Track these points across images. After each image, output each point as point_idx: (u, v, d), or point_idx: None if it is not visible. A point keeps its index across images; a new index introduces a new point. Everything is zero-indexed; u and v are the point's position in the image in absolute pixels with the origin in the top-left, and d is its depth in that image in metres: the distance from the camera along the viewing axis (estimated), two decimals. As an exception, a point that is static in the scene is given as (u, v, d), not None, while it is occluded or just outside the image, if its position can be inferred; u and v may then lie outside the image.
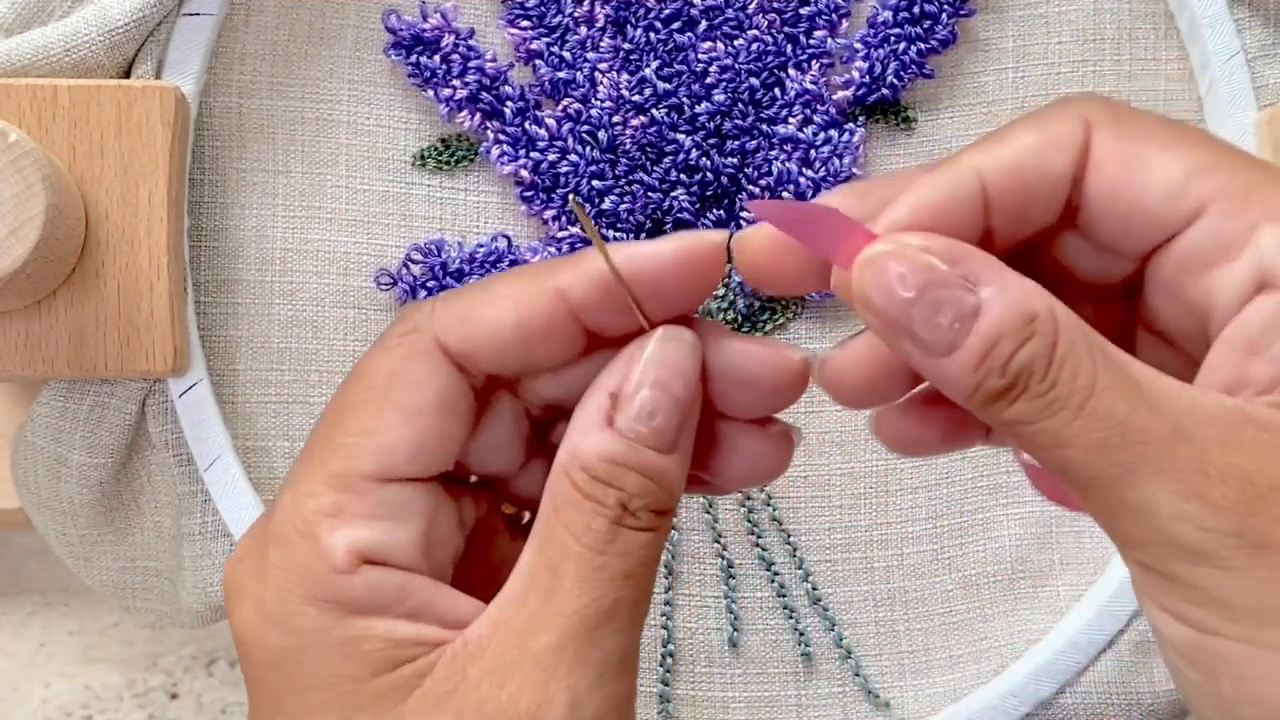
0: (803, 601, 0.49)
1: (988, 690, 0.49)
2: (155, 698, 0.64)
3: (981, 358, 0.28)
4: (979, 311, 0.28)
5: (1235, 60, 0.46)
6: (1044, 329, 0.28)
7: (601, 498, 0.31)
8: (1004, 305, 0.28)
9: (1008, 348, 0.28)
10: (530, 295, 0.32)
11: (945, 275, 0.29)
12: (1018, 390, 0.28)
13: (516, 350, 0.32)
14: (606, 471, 0.31)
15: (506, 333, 0.32)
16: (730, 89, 0.48)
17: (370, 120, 0.48)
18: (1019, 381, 0.28)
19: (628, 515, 0.31)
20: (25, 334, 0.44)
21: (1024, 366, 0.28)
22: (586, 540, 0.31)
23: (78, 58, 0.44)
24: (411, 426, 0.32)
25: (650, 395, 0.31)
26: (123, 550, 0.49)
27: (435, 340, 0.32)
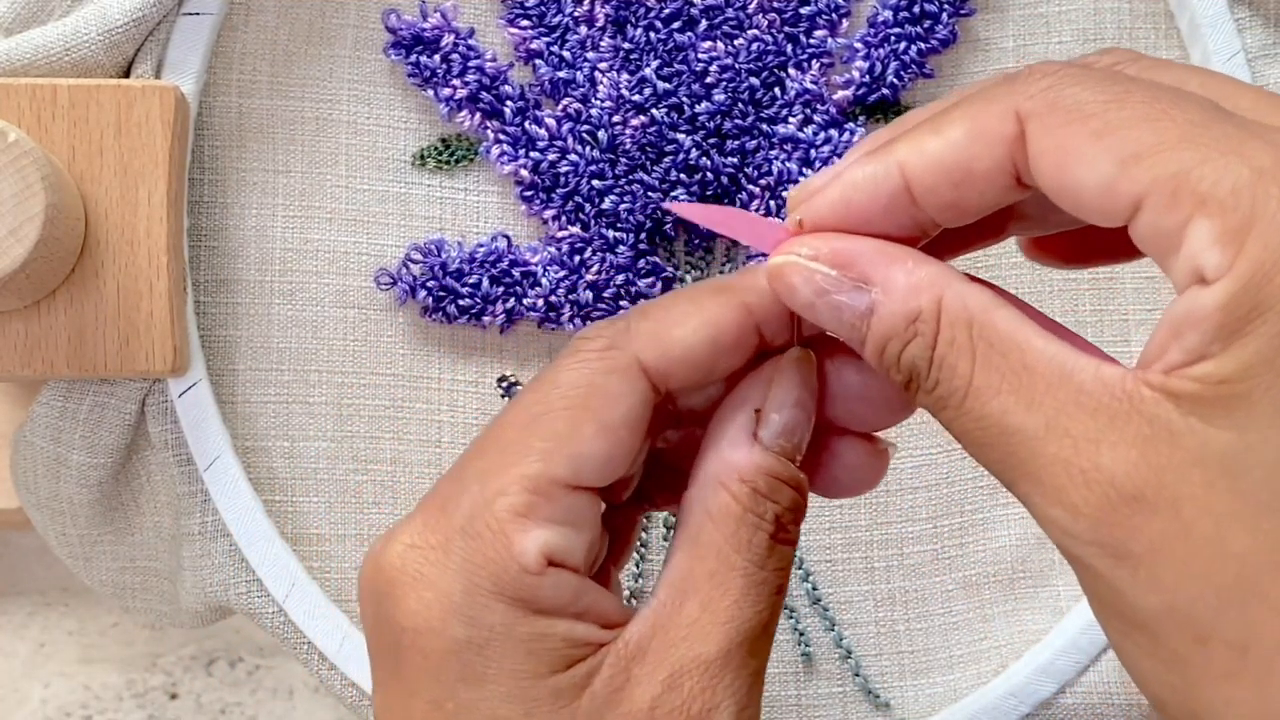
0: (803, 601, 0.49)
1: (988, 690, 0.49)
2: (155, 698, 0.64)
3: (879, 356, 0.30)
4: (870, 311, 0.30)
5: (1235, 60, 0.46)
6: (924, 329, 0.30)
7: (762, 512, 0.33)
8: (888, 307, 0.30)
9: (895, 349, 0.30)
10: (721, 312, 0.34)
11: (835, 281, 0.31)
12: (914, 385, 0.30)
13: (706, 366, 0.34)
14: (769, 486, 0.33)
15: (701, 349, 0.33)
16: (730, 89, 0.48)
17: (370, 120, 0.48)
18: (912, 378, 0.30)
19: (781, 530, 0.33)
20: (25, 334, 0.44)
21: (910, 365, 0.30)
22: (750, 555, 0.32)
23: (77, 57, 0.44)
24: (605, 438, 0.33)
25: (792, 414, 0.33)
26: (122, 550, 0.49)
27: (635, 358, 0.33)
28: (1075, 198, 0.29)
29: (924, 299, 0.30)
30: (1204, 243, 0.27)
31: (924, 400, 0.30)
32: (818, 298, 0.31)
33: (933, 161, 0.30)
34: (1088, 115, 0.29)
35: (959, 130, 0.30)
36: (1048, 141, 0.29)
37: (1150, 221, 0.28)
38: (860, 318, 0.30)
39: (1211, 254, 0.27)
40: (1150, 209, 0.28)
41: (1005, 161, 0.30)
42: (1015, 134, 0.29)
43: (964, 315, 0.29)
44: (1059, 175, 0.29)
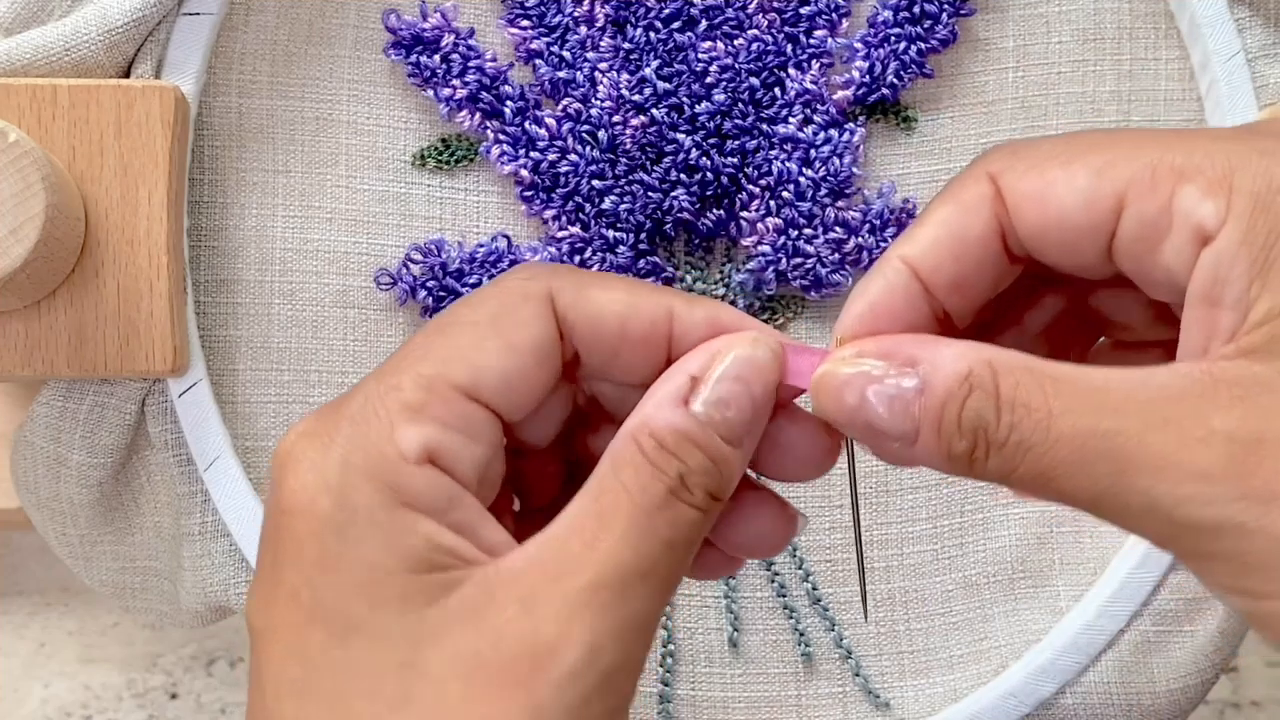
0: (803, 601, 0.49)
1: (988, 690, 0.49)
2: (155, 698, 0.64)
3: (937, 429, 0.30)
4: (923, 388, 0.30)
5: (1235, 60, 0.46)
6: (980, 381, 0.30)
7: (664, 465, 0.32)
8: (939, 376, 0.30)
9: (954, 410, 0.30)
10: (644, 301, 0.34)
11: (881, 371, 0.31)
12: (981, 446, 0.30)
13: (613, 339, 0.34)
14: (674, 442, 0.32)
15: (609, 320, 0.33)
16: (730, 89, 0.48)
17: (370, 120, 0.48)
18: (979, 437, 0.30)
19: (684, 489, 0.32)
20: (25, 334, 0.44)
21: (976, 421, 0.30)
22: (641, 500, 0.32)
23: (77, 57, 0.44)
24: (508, 357, 0.33)
25: (729, 387, 0.33)
26: (122, 550, 0.49)
27: (549, 292, 0.33)
28: (1060, 224, 0.30)
29: (972, 360, 0.30)
30: (1195, 201, 0.29)
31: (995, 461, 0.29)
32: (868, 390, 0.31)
33: (929, 243, 0.32)
34: (1054, 154, 0.31)
35: (944, 209, 0.32)
36: (1023, 185, 0.31)
37: (1136, 212, 0.30)
38: (912, 398, 0.30)
39: (1205, 206, 0.29)
40: (1134, 200, 0.30)
41: (992, 222, 0.31)
42: (993, 192, 0.31)
43: (1019, 362, 0.30)
44: (1041, 209, 0.31)
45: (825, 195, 0.48)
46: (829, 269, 0.48)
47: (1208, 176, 0.29)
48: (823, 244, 0.48)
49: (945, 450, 0.30)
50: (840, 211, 0.48)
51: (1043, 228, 0.31)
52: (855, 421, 0.31)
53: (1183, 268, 0.30)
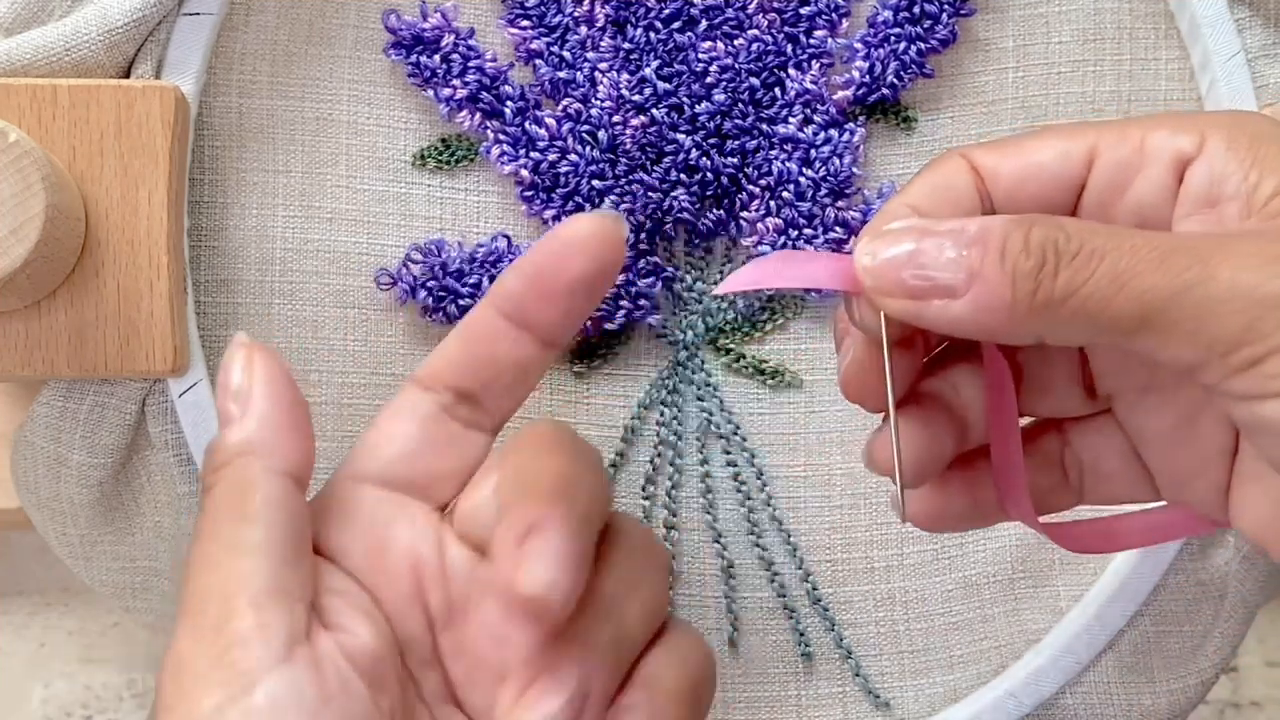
0: (803, 601, 0.49)
1: (988, 690, 0.49)
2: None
3: (1002, 253, 0.29)
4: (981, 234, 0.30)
5: (1235, 60, 0.46)
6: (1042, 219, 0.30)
7: None
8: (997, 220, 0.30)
9: (1020, 235, 0.29)
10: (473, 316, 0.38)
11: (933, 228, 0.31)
12: (1051, 261, 0.29)
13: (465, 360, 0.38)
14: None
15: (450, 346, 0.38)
16: (730, 89, 0.48)
17: (370, 120, 0.48)
18: (1048, 253, 0.29)
19: None
20: (25, 334, 0.44)
21: (1044, 239, 0.29)
22: None
23: (78, 57, 0.44)
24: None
25: None
26: (123, 550, 0.49)
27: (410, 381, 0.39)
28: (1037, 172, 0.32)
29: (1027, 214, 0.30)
30: (1168, 138, 0.31)
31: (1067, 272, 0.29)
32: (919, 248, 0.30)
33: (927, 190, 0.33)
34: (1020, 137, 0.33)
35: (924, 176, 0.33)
36: (996, 155, 0.33)
37: (1109, 160, 0.32)
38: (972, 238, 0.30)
39: (1180, 139, 0.31)
40: (1106, 149, 0.32)
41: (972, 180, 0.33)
42: (968, 164, 0.33)
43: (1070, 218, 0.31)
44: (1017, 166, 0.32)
45: (825, 195, 0.48)
46: (829, 269, 0.48)
47: (1175, 122, 0.31)
48: (823, 244, 0.48)
49: (1009, 274, 0.29)
50: (840, 211, 0.48)
51: (1018, 183, 0.32)
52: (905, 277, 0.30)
53: (1158, 197, 0.31)
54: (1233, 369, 0.28)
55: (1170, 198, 0.31)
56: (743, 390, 0.49)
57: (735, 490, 0.49)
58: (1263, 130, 0.31)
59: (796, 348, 0.49)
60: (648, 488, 0.49)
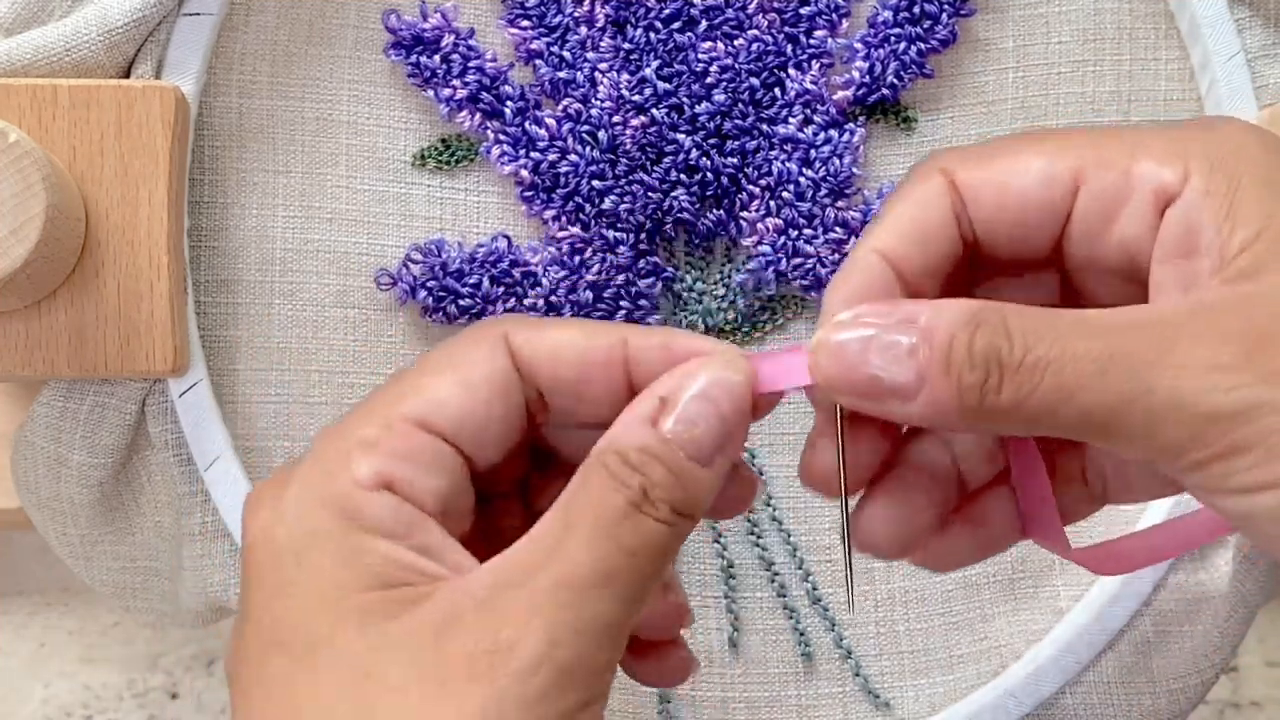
0: (803, 601, 0.49)
1: (988, 690, 0.49)
2: (155, 698, 0.64)
3: (946, 363, 0.30)
4: (926, 335, 0.30)
5: (1235, 60, 0.46)
6: (987, 318, 0.30)
7: (626, 479, 0.32)
8: (944, 316, 0.30)
9: (963, 340, 0.30)
10: (599, 332, 0.35)
11: (882, 323, 0.31)
12: (995, 375, 0.30)
13: (571, 377, 0.34)
14: (638, 458, 0.32)
15: (567, 354, 0.34)
16: (730, 89, 0.48)
17: (370, 120, 0.48)
18: (991, 367, 0.30)
19: (646, 502, 0.32)
20: (25, 334, 0.44)
21: (987, 348, 0.30)
22: (602, 512, 0.32)
23: (78, 58, 0.44)
24: (461, 390, 0.34)
25: (697, 406, 0.33)
26: (123, 550, 0.49)
27: (504, 336, 0.34)
28: (1018, 200, 0.32)
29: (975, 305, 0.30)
30: (1153, 168, 0.31)
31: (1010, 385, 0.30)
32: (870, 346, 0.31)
33: (897, 234, 0.33)
34: (1003, 149, 0.33)
35: (902, 205, 0.33)
36: (978, 173, 0.33)
37: (1093, 189, 0.31)
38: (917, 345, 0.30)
39: (1165, 171, 0.31)
40: (1091, 178, 0.31)
41: (948, 211, 0.33)
42: (947, 183, 0.33)
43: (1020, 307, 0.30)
44: (998, 192, 0.32)
45: (825, 195, 0.48)
46: (829, 269, 0.48)
47: (1162, 148, 0.31)
48: (823, 244, 0.48)
49: (955, 386, 0.30)
50: (840, 211, 0.48)
51: (1000, 212, 0.32)
52: (858, 379, 0.31)
53: (1142, 233, 0.31)
54: (1184, 469, 0.29)
55: (1153, 235, 0.31)
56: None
57: (735, 490, 0.49)
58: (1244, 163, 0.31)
59: (796, 348, 0.49)
60: (648, 488, 0.49)
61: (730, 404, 0.33)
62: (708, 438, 0.33)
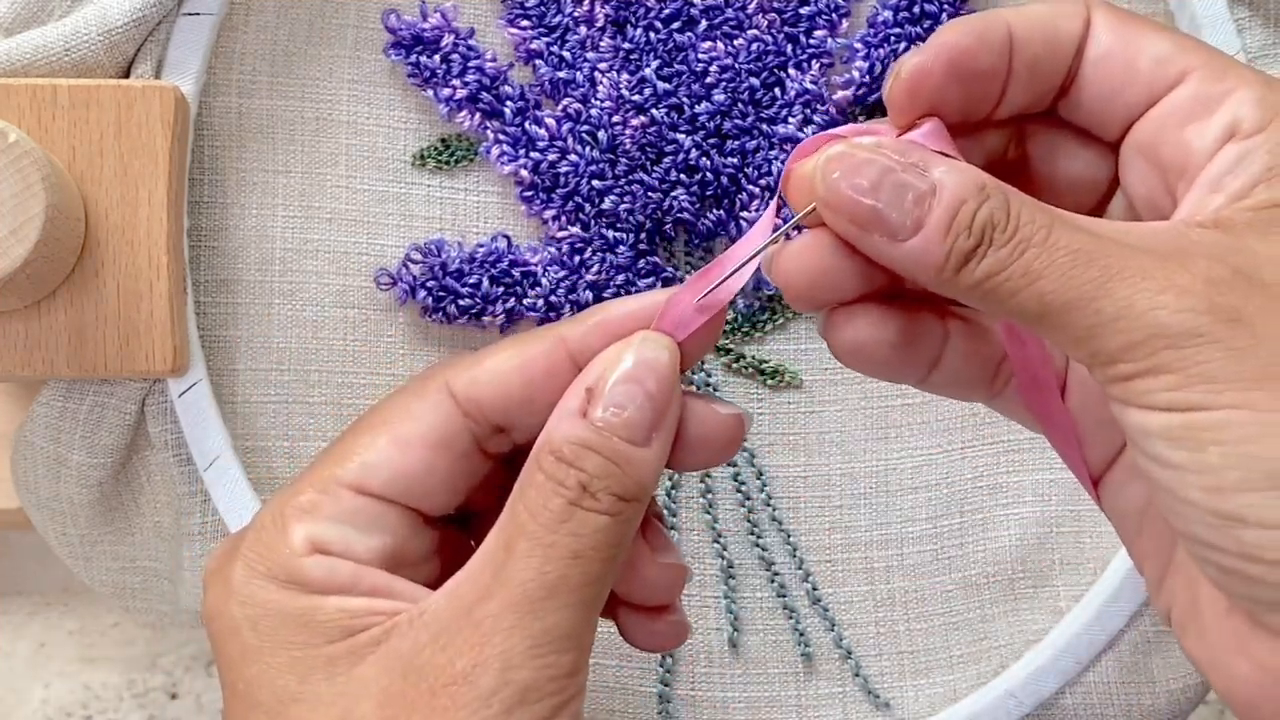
0: (803, 601, 0.49)
1: (988, 690, 0.49)
2: (155, 698, 0.64)
3: (948, 223, 0.30)
4: (936, 189, 0.31)
5: (1235, 60, 0.46)
6: (995, 192, 0.31)
7: (562, 478, 0.33)
8: (957, 178, 0.31)
9: (969, 209, 0.30)
10: (533, 343, 0.35)
11: (900, 163, 0.31)
12: (985, 244, 0.30)
13: (519, 397, 0.35)
14: (572, 453, 0.33)
15: (509, 377, 0.35)
16: (730, 89, 0.48)
17: (370, 120, 0.48)
18: (985, 235, 0.30)
19: (587, 496, 0.33)
20: (25, 334, 0.44)
21: (987, 220, 0.30)
22: (541, 518, 0.33)
23: (77, 57, 0.44)
24: (397, 452, 0.35)
25: (624, 389, 0.34)
26: (123, 550, 0.49)
27: (444, 384, 0.35)
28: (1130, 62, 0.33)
29: (985, 176, 0.31)
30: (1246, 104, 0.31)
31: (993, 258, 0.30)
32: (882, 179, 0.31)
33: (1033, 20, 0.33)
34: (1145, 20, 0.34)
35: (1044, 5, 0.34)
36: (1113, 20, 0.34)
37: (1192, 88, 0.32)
38: (921, 197, 0.31)
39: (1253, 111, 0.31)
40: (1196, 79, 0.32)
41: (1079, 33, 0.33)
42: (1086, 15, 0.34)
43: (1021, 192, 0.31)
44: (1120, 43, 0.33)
45: (825, 195, 0.48)
46: (829, 269, 0.48)
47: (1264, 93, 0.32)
48: (823, 244, 0.48)
49: (948, 246, 0.30)
50: (840, 211, 0.48)
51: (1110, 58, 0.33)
52: (859, 205, 0.31)
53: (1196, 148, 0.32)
54: (1110, 379, 0.30)
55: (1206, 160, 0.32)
56: (743, 390, 0.49)
57: (735, 490, 0.49)
58: None
59: (796, 348, 0.49)
60: (648, 488, 0.49)
61: (656, 380, 0.34)
62: (639, 417, 0.33)
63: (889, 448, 0.49)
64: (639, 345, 0.34)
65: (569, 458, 0.33)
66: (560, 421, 0.34)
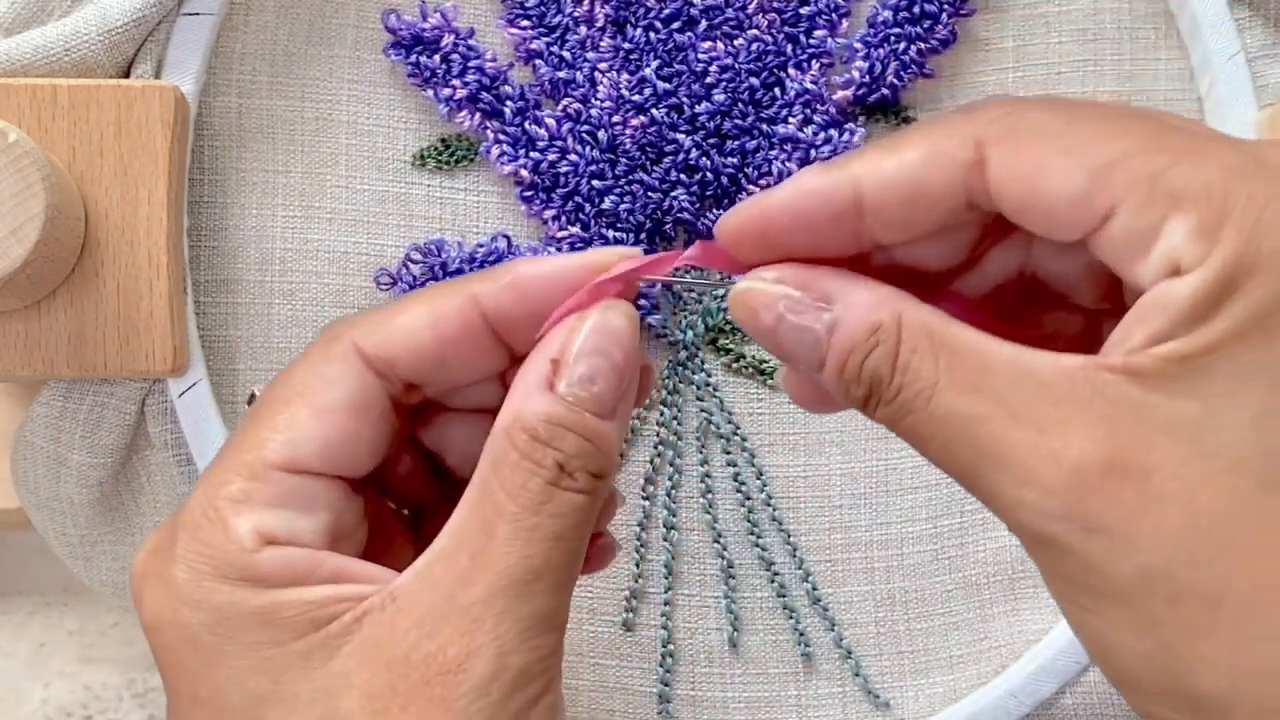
0: (803, 601, 0.49)
1: (988, 690, 0.49)
2: (155, 698, 0.64)
3: (839, 372, 0.31)
4: (831, 329, 0.31)
5: (1235, 60, 0.46)
6: (886, 337, 0.30)
7: (540, 459, 0.32)
8: (850, 321, 0.31)
9: (856, 360, 0.30)
10: (444, 300, 0.34)
11: (799, 302, 0.31)
12: (875, 397, 0.31)
13: (432, 355, 0.34)
14: (548, 432, 0.32)
15: (421, 335, 0.34)
16: (730, 89, 0.48)
17: (370, 120, 0.48)
18: (873, 389, 0.30)
19: (565, 476, 0.32)
20: (25, 334, 0.44)
21: (873, 375, 0.30)
22: (522, 500, 0.32)
23: (77, 57, 0.44)
24: (321, 423, 0.33)
25: (591, 362, 0.33)
26: (123, 550, 0.49)
27: (353, 345, 0.34)
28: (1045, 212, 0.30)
29: (884, 313, 0.30)
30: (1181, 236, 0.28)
31: (884, 412, 0.31)
32: (780, 321, 0.31)
33: (888, 179, 0.31)
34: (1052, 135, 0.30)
35: (916, 154, 0.31)
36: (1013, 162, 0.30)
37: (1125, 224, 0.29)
38: (822, 337, 0.31)
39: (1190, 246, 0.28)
40: (1125, 212, 0.29)
41: (959, 185, 0.30)
42: (973, 160, 0.30)
43: (923, 325, 0.30)
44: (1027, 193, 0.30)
45: (825, 195, 0.48)
46: (829, 269, 0.48)
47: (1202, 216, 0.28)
48: (823, 244, 0.48)
49: (844, 391, 0.31)
50: (840, 211, 0.48)
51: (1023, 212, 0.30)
52: (768, 342, 0.32)
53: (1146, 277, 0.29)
54: None
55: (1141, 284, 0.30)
56: (742, 390, 0.49)
57: (735, 490, 0.49)
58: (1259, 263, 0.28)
59: (796, 348, 0.49)
60: (647, 488, 0.49)
61: (622, 351, 0.33)
62: (608, 391, 0.33)
63: (889, 448, 0.49)
64: (602, 313, 0.33)
65: (544, 437, 0.32)
66: (528, 396, 0.33)
